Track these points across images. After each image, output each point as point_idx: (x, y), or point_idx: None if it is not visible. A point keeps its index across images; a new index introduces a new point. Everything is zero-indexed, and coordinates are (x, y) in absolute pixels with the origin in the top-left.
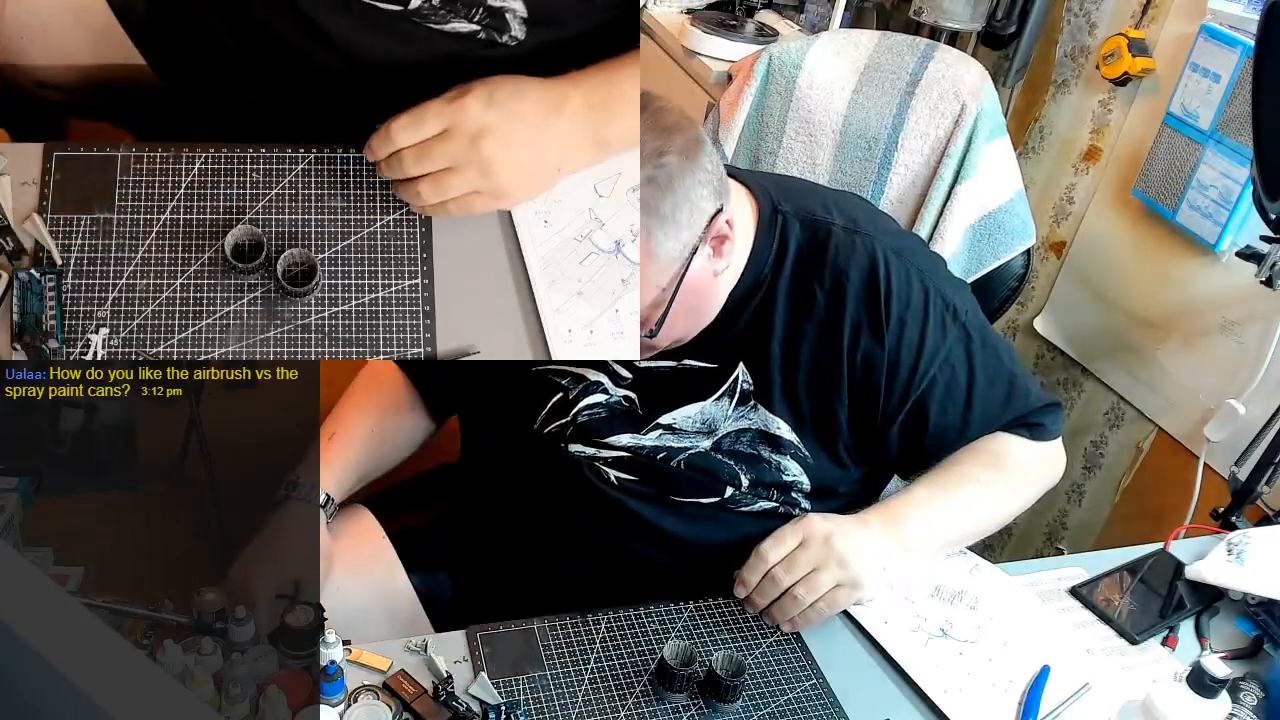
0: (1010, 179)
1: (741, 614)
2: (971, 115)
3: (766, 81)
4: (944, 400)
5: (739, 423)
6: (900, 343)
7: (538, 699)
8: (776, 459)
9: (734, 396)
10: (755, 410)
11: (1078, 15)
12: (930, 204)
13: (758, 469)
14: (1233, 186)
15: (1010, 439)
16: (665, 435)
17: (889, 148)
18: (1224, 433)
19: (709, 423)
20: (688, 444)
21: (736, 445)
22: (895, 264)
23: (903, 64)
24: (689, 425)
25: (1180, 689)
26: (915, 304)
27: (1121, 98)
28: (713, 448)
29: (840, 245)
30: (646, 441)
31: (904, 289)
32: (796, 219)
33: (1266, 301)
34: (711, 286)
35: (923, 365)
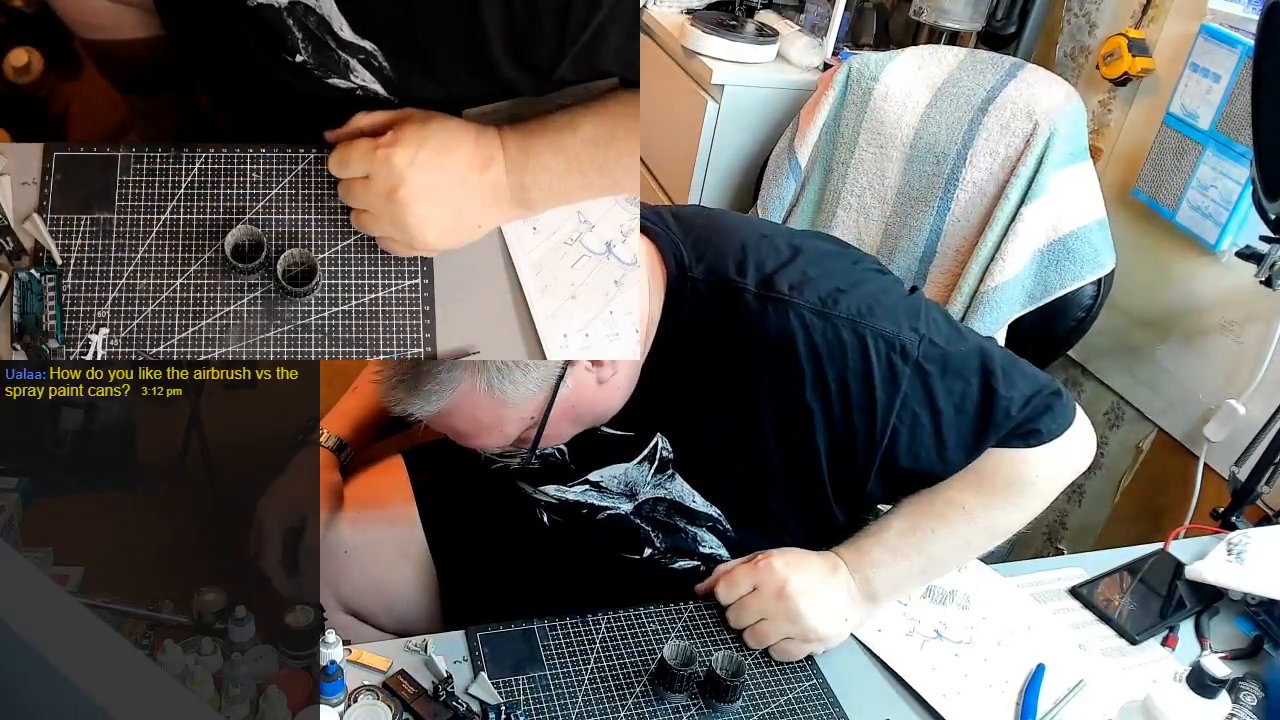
0: (1089, 205)
1: None
2: (1044, 135)
3: (845, 92)
4: (911, 446)
5: (656, 490)
6: (847, 408)
7: (538, 699)
8: (693, 530)
9: (654, 462)
10: (673, 480)
11: (1078, 15)
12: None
13: (673, 538)
14: (1233, 186)
15: (1003, 455)
16: (590, 492)
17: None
18: (1224, 433)
19: (631, 485)
20: (610, 504)
21: (654, 513)
22: (818, 326)
23: (982, 81)
24: (614, 485)
25: (1180, 689)
26: (853, 362)
27: (1121, 98)
28: (633, 511)
29: (750, 314)
30: (571, 495)
31: (835, 350)
32: (704, 283)
33: (1266, 301)
34: (597, 395)
35: (879, 422)
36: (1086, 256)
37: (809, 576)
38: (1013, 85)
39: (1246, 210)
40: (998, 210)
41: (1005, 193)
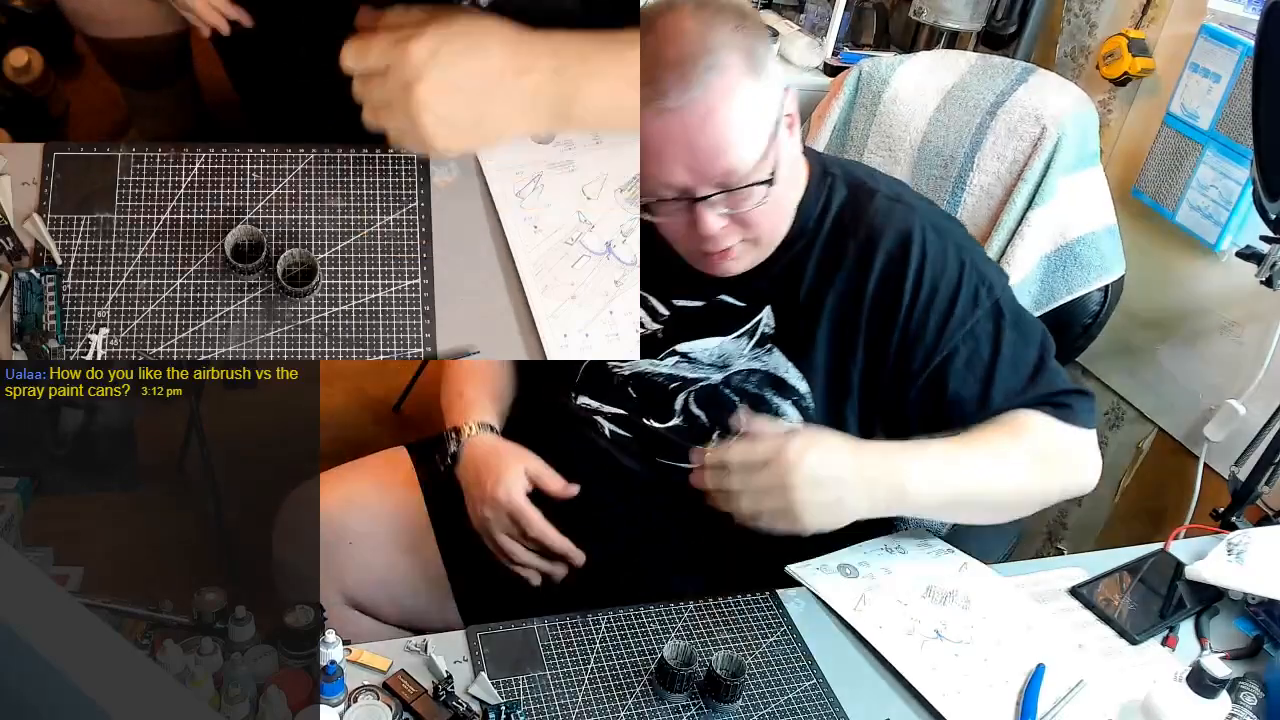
0: (1099, 211)
1: (741, 614)
2: (1052, 139)
3: (855, 95)
4: (964, 372)
5: (752, 363)
6: (929, 309)
7: (538, 699)
8: (778, 402)
9: (753, 337)
10: (770, 353)
11: (1078, 15)
12: (1001, 227)
13: (758, 411)
14: (1233, 186)
15: (1034, 414)
16: (680, 364)
17: (965, 167)
18: (1224, 433)
19: (724, 357)
20: (700, 375)
21: (745, 384)
22: (932, 235)
23: (992, 85)
24: (705, 357)
25: (1180, 689)
26: (949, 274)
27: (1121, 98)
28: (722, 382)
29: (879, 209)
30: (662, 368)
31: (939, 258)
32: (844, 181)
33: (1266, 301)
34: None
35: (947, 333)
36: (1094, 263)
37: (827, 467)
38: (1023, 90)
39: (1246, 210)
40: (1004, 214)
41: (1012, 197)
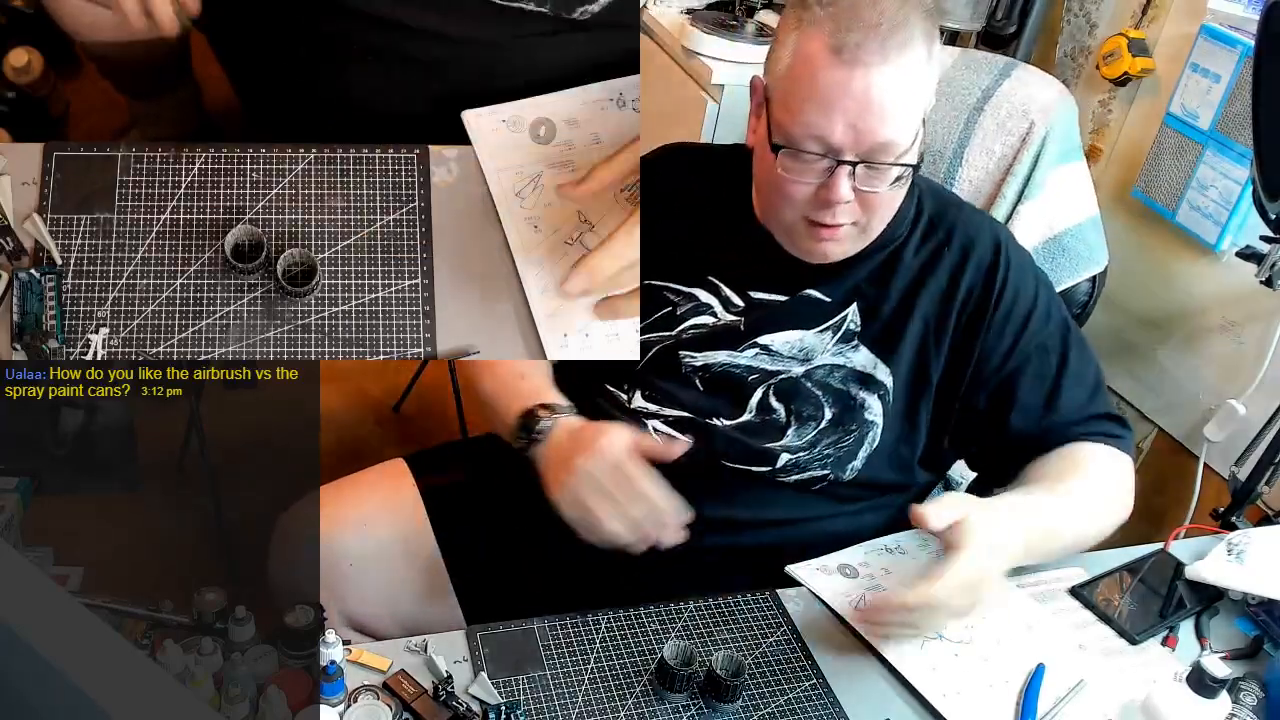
0: (1083, 203)
1: (741, 614)
2: (1040, 134)
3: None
4: (1034, 382)
5: (835, 358)
6: (1010, 315)
7: (538, 699)
8: (863, 395)
9: (838, 332)
10: (856, 350)
11: (1078, 15)
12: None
13: (843, 403)
14: (1233, 186)
15: (1099, 449)
16: (761, 356)
17: (953, 163)
18: (1224, 433)
19: (806, 351)
20: (781, 367)
21: (829, 379)
22: (1015, 248)
23: (977, 80)
24: (786, 349)
25: (1180, 689)
26: (1028, 287)
27: (1121, 98)
28: (804, 375)
29: (969, 219)
30: (741, 359)
31: (1022, 271)
32: (929, 191)
33: (1266, 301)
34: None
35: (1023, 342)
36: (1082, 254)
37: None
38: (1007, 84)
39: (1246, 210)
40: (994, 209)
41: (1002, 191)
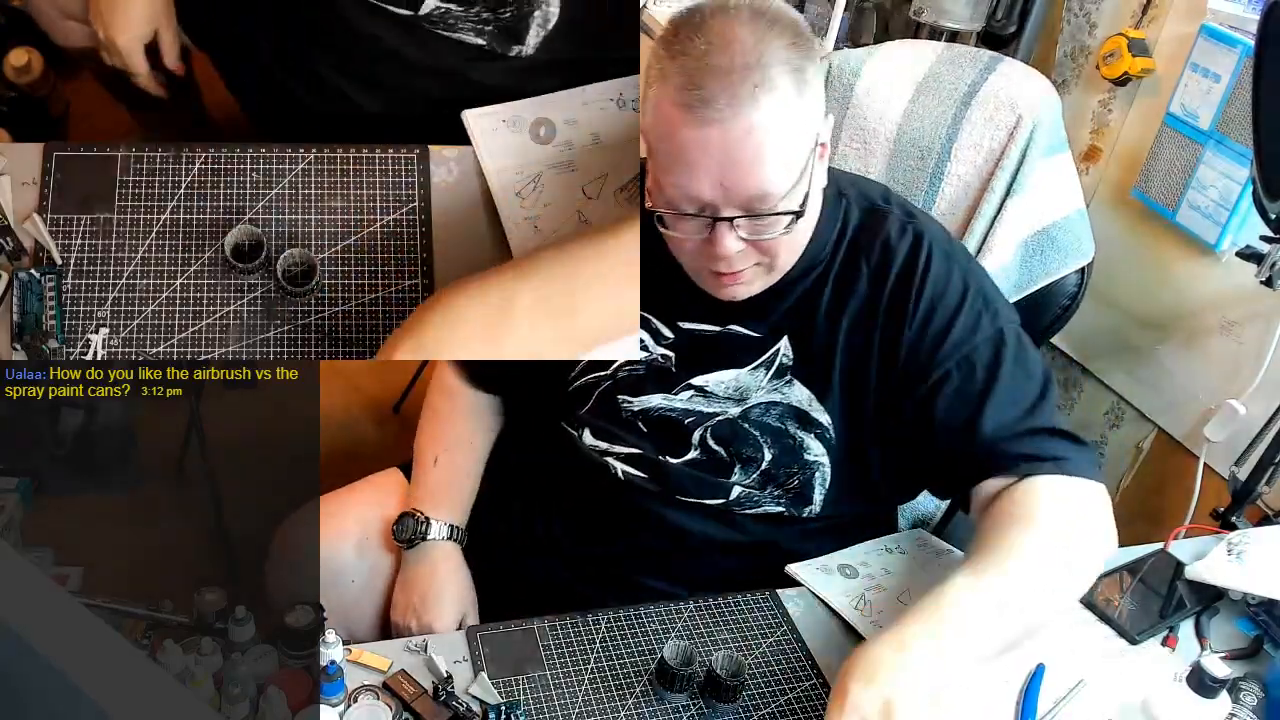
0: (1069, 196)
1: (741, 614)
2: (1027, 128)
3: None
4: (953, 398)
5: (771, 395)
6: (926, 329)
7: (538, 699)
8: (801, 435)
9: (770, 368)
10: (790, 385)
11: (1078, 15)
12: (980, 216)
13: (781, 444)
14: (1233, 186)
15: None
16: (695, 398)
17: (942, 158)
18: (1224, 433)
19: (741, 390)
20: (716, 409)
21: (765, 417)
22: (938, 256)
23: (963, 75)
24: (721, 390)
25: (1180, 689)
26: (951, 295)
27: (1121, 98)
28: (740, 416)
29: (892, 230)
30: (677, 403)
31: (942, 278)
32: (857, 204)
33: (1266, 301)
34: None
35: (940, 356)
36: (1069, 246)
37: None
38: (993, 78)
39: (1246, 210)
40: (983, 203)
41: (990, 185)
